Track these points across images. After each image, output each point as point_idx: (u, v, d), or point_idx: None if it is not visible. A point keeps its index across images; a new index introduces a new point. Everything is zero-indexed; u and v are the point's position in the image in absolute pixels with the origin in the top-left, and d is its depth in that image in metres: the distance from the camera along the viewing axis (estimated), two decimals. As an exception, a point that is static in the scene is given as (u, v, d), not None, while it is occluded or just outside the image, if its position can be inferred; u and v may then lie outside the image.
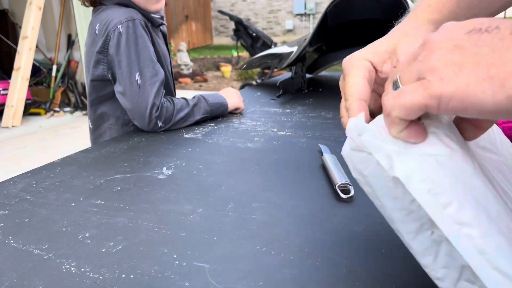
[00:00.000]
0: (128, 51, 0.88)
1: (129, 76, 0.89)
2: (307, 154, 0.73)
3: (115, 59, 0.89)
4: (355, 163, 0.31)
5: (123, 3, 0.95)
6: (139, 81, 0.89)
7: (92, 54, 0.94)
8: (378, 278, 0.38)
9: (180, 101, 0.97)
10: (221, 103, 1.02)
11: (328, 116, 1.01)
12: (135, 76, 0.88)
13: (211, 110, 1.00)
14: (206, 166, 0.69)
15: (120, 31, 0.88)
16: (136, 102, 0.89)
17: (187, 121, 0.96)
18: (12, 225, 0.50)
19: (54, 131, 4.09)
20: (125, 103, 0.92)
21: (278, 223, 0.49)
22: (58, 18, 5.06)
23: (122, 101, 0.93)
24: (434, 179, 0.26)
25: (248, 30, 4.92)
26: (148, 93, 0.89)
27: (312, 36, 1.23)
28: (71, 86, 5.08)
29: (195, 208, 0.53)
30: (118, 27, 0.88)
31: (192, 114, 0.96)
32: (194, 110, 0.97)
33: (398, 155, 0.28)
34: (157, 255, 0.43)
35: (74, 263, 0.42)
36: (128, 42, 0.88)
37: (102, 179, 0.64)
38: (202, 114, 0.98)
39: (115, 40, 0.88)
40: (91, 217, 0.51)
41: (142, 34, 0.89)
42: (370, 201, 0.53)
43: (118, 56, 0.89)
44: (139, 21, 0.90)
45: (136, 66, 0.88)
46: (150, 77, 0.90)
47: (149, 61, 0.90)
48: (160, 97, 0.92)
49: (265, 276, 0.39)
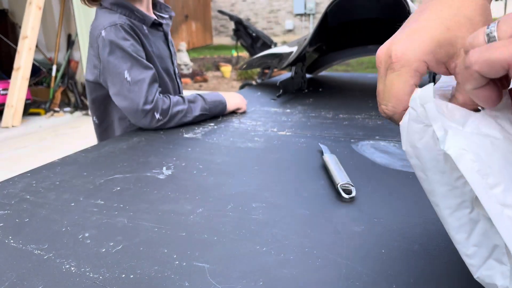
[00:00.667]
0: (114, 53, 0.91)
1: (119, 75, 0.91)
2: (307, 154, 0.73)
3: (106, 66, 0.93)
4: (410, 133, 0.31)
5: (117, 2, 0.96)
6: (129, 78, 0.91)
7: (90, 56, 0.98)
8: (378, 278, 0.38)
9: (176, 97, 0.97)
10: (219, 101, 1.02)
11: (328, 116, 1.01)
12: (124, 75, 0.91)
13: (209, 108, 1.00)
14: (206, 166, 0.69)
15: (103, 36, 0.91)
16: (130, 98, 0.91)
17: (186, 117, 0.96)
18: (12, 225, 0.50)
19: (54, 131, 4.08)
20: (120, 102, 0.94)
21: (278, 223, 0.49)
22: (58, 18, 5.06)
23: (117, 102, 0.94)
24: (485, 160, 0.27)
25: (248, 30, 4.92)
26: (139, 88, 0.91)
27: (312, 36, 1.23)
28: (71, 86, 5.08)
29: (195, 208, 0.53)
30: (101, 32, 0.92)
31: (190, 109, 0.96)
32: (191, 106, 0.97)
33: (454, 131, 0.28)
34: (157, 255, 0.43)
35: (74, 263, 0.41)
36: (111, 45, 0.91)
37: (102, 179, 0.64)
38: (200, 110, 0.98)
39: (101, 45, 0.92)
40: (91, 217, 0.51)
41: (124, 36, 0.92)
42: (370, 202, 0.53)
43: (106, 60, 0.92)
44: (121, 25, 0.92)
45: (123, 65, 0.91)
46: (139, 73, 0.92)
47: (135, 60, 0.92)
48: (153, 92, 0.93)
49: (265, 276, 0.39)
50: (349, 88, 1.41)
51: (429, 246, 0.42)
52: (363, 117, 0.98)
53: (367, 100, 1.18)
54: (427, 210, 0.50)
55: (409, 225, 0.47)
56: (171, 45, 1.12)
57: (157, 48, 1.03)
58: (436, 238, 0.44)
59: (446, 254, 0.41)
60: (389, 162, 0.67)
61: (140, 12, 0.98)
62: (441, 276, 0.38)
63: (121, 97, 0.93)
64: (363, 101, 1.17)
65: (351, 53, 1.56)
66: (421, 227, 0.46)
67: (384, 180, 0.60)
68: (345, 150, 0.74)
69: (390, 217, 0.49)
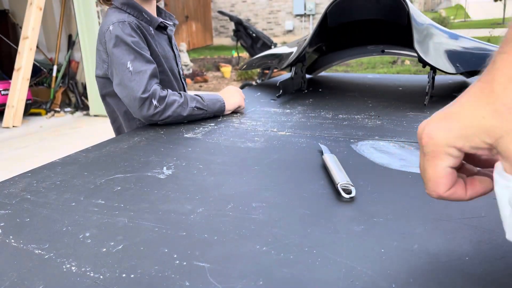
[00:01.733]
0: (118, 46, 0.97)
1: (122, 65, 0.96)
2: (307, 154, 0.73)
3: (111, 57, 0.98)
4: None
5: (127, 2, 1.03)
6: (131, 68, 0.95)
7: (99, 52, 1.03)
8: (378, 278, 0.38)
9: (172, 91, 1.01)
10: (216, 99, 1.04)
11: (327, 116, 1.01)
12: (127, 65, 0.96)
13: (207, 104, 1.01)
14: (206, 166, 0.69)
15: (110, 30, 0.98)
16: (130, 87, 0.95)
17: (182, 108, 0.97)
18: (12, 225, 0.50)
19: (54, 131, 4.09)
20: (121, 92, 0.98)
21: (278, 223, 0.49)
22: (58, 19, 5.07)
23: (119, 92, 0.99)
24: None
25: (248, 30, 4.93)
26: (140, 78, 0.95)
27: (312, 36, 1.23)
28: (71, 87, 5.09)
29: (195, 208, 0.53)
30: (109, 27, 0.98)
31: (186, 101, 0.98)
32: (187, 98, 0.99)
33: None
34: (157, 255, 0.43)
35: (75, 263, 0.42)
36: (117, 39, 0.96)
37: (103, 179, 0.64)
38: (196, 103, 0.99)
39: (107, 39, 0.98)
40: (91, 216, 0.52)
41: (130, 33, 0.97)
42: (369, 201, 0.54)
43: (111, 52, 0.98)
44: (129, 23, 0.98)
45: (127, 57, 0.96)
46: (141, 65, 0.96)
47: (139, 53, 0.97)
48: (152, 84, 0.96)
49: (265, 276, 0.39)
50: (348, 88, 1.41)
51: (429, 246, 0.43)
52: (362, 117, 0.98)
53: (367, 100, 1.18)
54: (427, 210, 0.50)
55: (409, 225, 0.47)
56: (175, 48, 1.17)
57: (162, 49, 1.08)
58: (436, 238, 0.44)
59: (446, 254, 0.41)
60: (388, 162, 0.68)
61: (147, 14, 1.05)
62: (441, 276, 0.38)
63: (122, 87, 0.97)
64: (362, 101, 1.17)
65: (351, 53, 1.56)
66: (421, 227, 0.46)
67: (384, 180, 0.60)
68: (345, 150, 0.74)
69: (390, 217, 0.49)
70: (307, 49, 1.32)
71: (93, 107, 4.71)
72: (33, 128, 4.20)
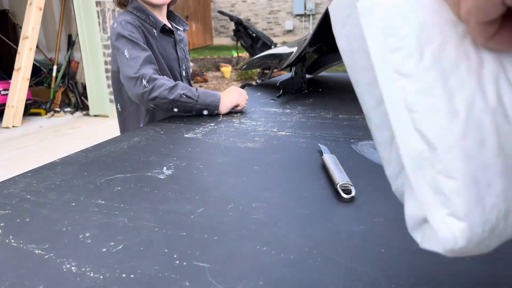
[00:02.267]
0: (119, 40, 1.09)
1: (122, 55, 1.08)
2: (307, 154, 0.73)
3: (115, 51, 1.11)
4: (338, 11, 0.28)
5: (138, 7, 1.16)
6: (127, 55, 1.07)
7: (112, 48, 1.16)
8: (378, 278, 0.38)
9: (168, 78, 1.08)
10: (212, 94, 1.06)
11: (328, 116, 1.01)
12: (125, 53, 1.08)
13: (198, 95, 1.04)
14: (206, 166, 0.69)
15: (114, 27, 1.11)
16: (126, 71, 1.06)
17: (170, 92, 1.02)
18: (12, 225, 0.50)
19: (54, 131, 4.09)
20: (121, 77, 1.09)
21: (278, 223, 0.49)
22: (58, 19, 5.07)
23: (121, 77, 1.09)
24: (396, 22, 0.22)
25: (248, 30, 4.92)
26: (135, 62, 1.05)
27: (312, 36, 1.23)
28: (71, 87, 5.08)
29: (195, 208, 0.53)
30: (114, 24, 1.12)
31: (175, 87, 1.03)
32: (179, 85, 1.04)
33: None
34: (157, 255, 0.43)
35: (75, 263, 0.42)
36: (118, 34, 1.09)
37: (103, 179, 0.64)
38: (185, 92, 1.03)
39: (112, 35, 1.12)
40: (91, 216, 0.52)
41: (130, 30, 1.09)
42: (370, 201, 0.54)
43: (114, 45, 1.10)
44: (131, 22, 1.11)
45: (125, 46, 1.08)
46: (137, 52, 1.07)
47: (135, 43, 1.08)
48: (146, 68, 1.05)
49: (265, 276, 0.39)
50: (349, 88, 1.41)
51: (429, 246, 0.43)
52: (362, 118, 0.98)
53: (367, 100, 1.18)
54: (426, 210, 0.50)
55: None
56: (180, 51, 1.25)
57: (163, 49, 1.19)
58: (435, 238, 0.44)
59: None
60: (389, 162, 0.67)
61: (154, 17, 1.17)
62: (441, 276, 0.38)
63: (121, 73, 1.08)
64: (363, 101, 1.17)
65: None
66: (421, 227, 0.46)
67: (384, 180, 0.60)
68: (345, 150, 0.74)
69: (390, 217, 0.49)
70: (307, 49, 1.32)
71: (93, 107, 4.70)
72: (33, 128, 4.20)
